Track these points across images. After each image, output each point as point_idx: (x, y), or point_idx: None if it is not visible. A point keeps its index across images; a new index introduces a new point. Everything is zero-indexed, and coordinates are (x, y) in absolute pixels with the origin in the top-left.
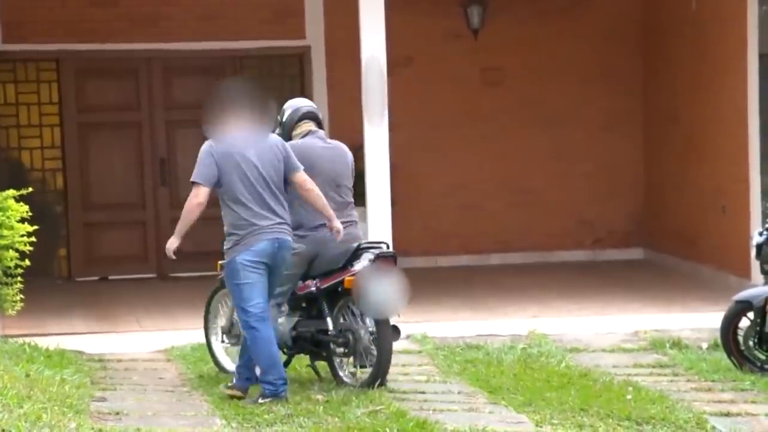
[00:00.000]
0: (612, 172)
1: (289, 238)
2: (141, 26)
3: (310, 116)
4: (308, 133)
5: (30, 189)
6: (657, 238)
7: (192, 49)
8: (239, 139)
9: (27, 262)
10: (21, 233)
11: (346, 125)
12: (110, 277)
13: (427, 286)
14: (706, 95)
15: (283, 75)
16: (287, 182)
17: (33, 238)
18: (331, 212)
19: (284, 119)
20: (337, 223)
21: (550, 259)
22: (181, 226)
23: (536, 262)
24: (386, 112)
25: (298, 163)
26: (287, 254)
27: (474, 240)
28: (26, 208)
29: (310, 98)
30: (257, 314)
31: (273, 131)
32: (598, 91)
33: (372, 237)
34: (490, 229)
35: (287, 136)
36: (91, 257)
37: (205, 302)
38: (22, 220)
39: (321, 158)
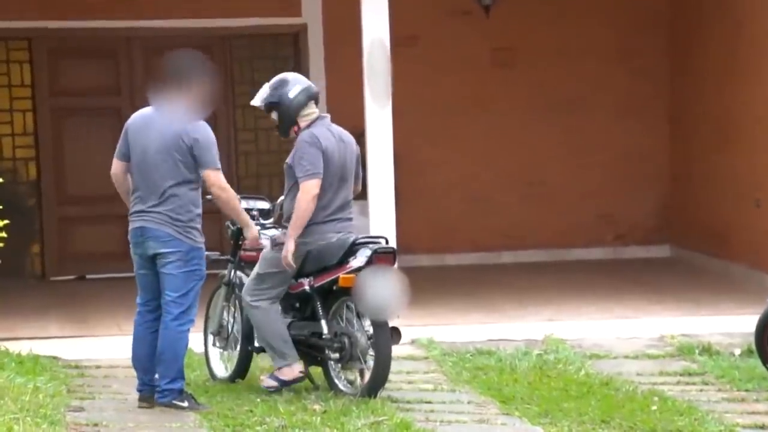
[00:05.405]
0: (635, 162)
1: (149, 226)
2: (120, 2)
3: (317, 98)
4: (318, 119)
5: (0, 180)
6: (684, 234)
7: (176, 27)
8: (137, 118)
9: None
10: None
11: (346, 111)
12: (88, 277)
13: (433, 286)
14: (739, 78)
15: (276, 56)
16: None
17: (3, 234)
18: (246, 218)
19: (292, 96)
20: (252, 231)
21: (567, 257)
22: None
23: (552, 261)
24: (390, 94)
25: (208, 161)
26: (151, 242)
27: (484, 236)
28: None
29: None
30: (137, 310)
31: (273, 107)
32: (620, 74)
33: (374, 232)
34: (501, 224)
35: (292, 116)
36: (66, 255)
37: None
38: None
39: (335, 152)
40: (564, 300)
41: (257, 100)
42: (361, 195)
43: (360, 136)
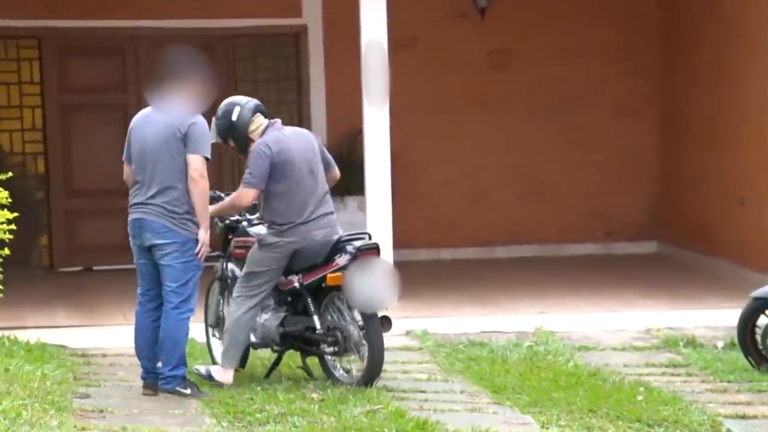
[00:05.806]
0: (627, 161)
1: (146, 218)
2: (127, 2)
3: (261, 109)
4: (268, 126)
5: (9, 174)
6: (673, 231)
7: (181, 26)
8: (138, 117)
9: (6, 251)
10: (0, 221)
11: (345, 109)
12: (94, 268)
13: (429, 279)
14: (728, 79)
15: (277, 55)
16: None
17: (12, 226)
18: (205, 219)
19: (235, 118)
20: (203, 235)
21: (560, 252)
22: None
23: (545, 256)
24: (387, 96)
25: (198, 146)
26: (147, 233)
27: (480, 232)
28: (5, 193)
29: (307, 80)
30: (138, 300)
31: (226, 134)
32: (613, 75)
33: (371, 228)
34: (496, 220)
35: (244, 135)
36: (73, 246)
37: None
38: (1, 207)
39: (291, 149)
40: (555, 294)
41: (213, 138)
42: (359, 191)
43: (358, 134)
